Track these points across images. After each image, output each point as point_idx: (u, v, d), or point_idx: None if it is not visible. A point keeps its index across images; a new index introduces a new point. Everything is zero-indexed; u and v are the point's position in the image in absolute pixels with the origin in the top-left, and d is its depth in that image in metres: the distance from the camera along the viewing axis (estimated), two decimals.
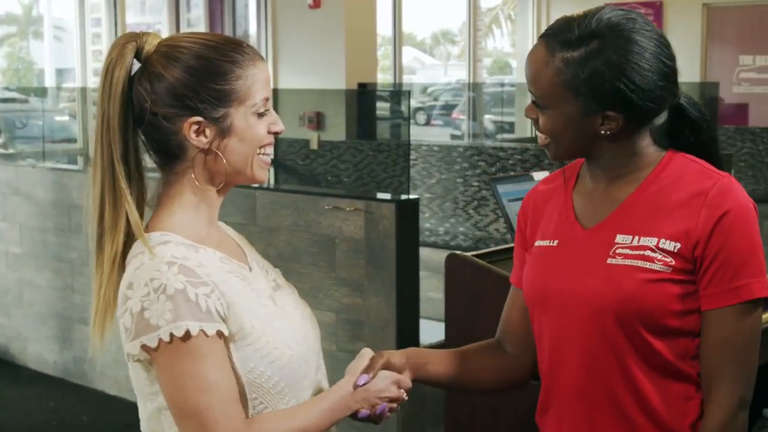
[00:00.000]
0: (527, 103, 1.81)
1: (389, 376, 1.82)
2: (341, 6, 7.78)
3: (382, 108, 7.81)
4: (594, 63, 1.69)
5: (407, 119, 7.05)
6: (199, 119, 1.66)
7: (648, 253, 1.72)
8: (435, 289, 5.25)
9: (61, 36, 8.62)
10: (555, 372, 1.85)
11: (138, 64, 1.68)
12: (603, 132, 1.74)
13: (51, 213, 5.90)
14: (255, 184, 1.80)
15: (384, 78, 10.16)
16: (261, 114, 1.70)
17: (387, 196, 5.94)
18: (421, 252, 4.89)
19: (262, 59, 1.72)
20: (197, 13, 8.71)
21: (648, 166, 1.79)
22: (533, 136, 9.68)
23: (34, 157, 6.57)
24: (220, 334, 1.60)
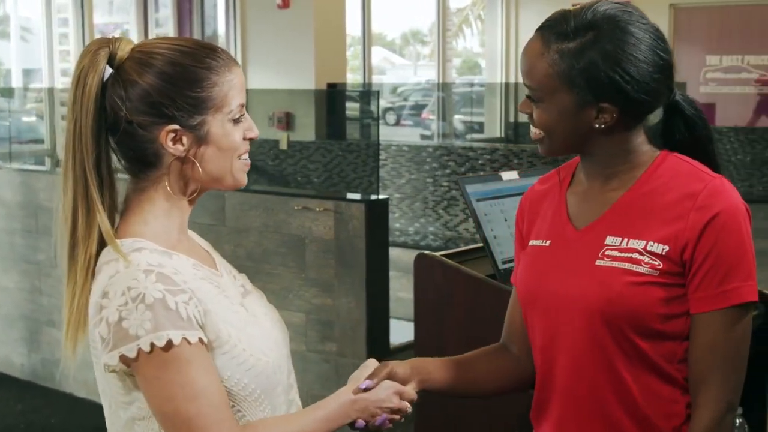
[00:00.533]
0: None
1: (391, 386, 1.79)
2: (310, 6, 7.77)
3: (351, 108, 7.79)
4: (590, 54, 1.69)
5: (377, 119, 7.05)
6: (176, 127, 1.63)
7: (635, 256, 1.71)
8: (405, 289, 5.25)
9: (28, 36, 8.54)
10: (546, 372, 1.86)
11: (110, 69, 1.65)
12: (597, 125, 1.73)
13: (18, 214, 5.85)
14: (237, 188, 1.78)
15: (353, 78, 10.15)
16: (237, 120, 1.68)
17: (357, 196, 5.95)
18: (391, 252, 4.90)
19: (237, 65, 1.70)
20: (165, 13, 8.66)
21: (642, 165, 1.79)
22: (502, 136, 9.70)
23: (0, 159, 6.50)
24: (201, 341, 1.58)
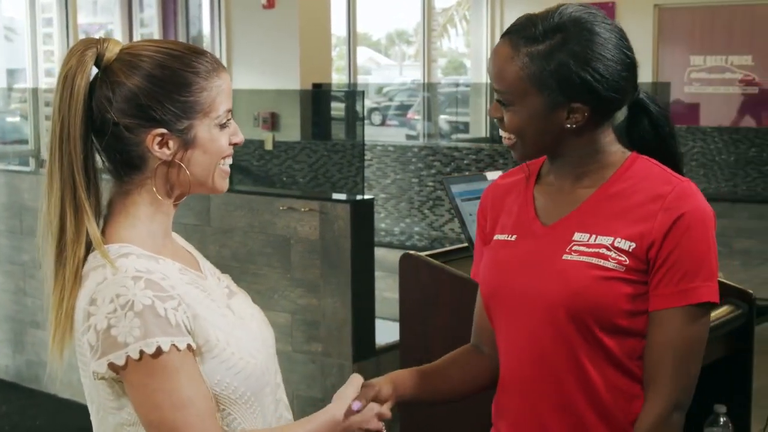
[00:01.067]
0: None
1: (373, 408, 1.80)
2: (295, 6, 7.76)
3: (336, 108, 7.79)
4: (559, 55, 1.71)
5: (362, 119, 7.06)
6: (163, 131, 1.62)
7: (603, 251, 1.73)
8: (390, 289, 5.25)
9: (12, 36, 8.50)
10: (507, 367, 1.87)
11: (96, 70, 1.64)
12: (569, 126, 1.75)
13: (2, 215, 5.82)
14: (216, 194, 1.77)
15: (339, 78, 10.15)
16: (223, 125, 1.68)
17: (342, 196, 5.95)
18: (377, 252, 4.89)
19: (224, 69, 1.70)
20: (150, 13, 8.63)
21: (612, 165, 1.81)
22: (487, 136, 9.71)
23: None
24: (190, 347, 1.57)
